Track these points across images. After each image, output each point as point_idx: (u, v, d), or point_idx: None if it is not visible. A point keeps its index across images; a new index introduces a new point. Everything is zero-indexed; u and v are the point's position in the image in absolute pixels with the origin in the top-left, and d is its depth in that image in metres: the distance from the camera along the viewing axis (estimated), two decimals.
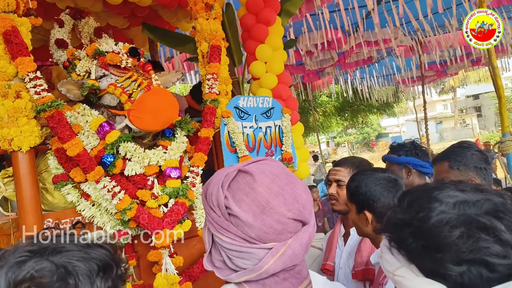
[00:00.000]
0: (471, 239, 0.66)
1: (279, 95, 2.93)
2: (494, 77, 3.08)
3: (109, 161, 1.93)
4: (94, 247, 0.69)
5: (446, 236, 0.67)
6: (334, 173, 2.15)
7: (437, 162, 2.03)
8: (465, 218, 0.68)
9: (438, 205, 0.71)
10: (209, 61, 2.33)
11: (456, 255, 0.66)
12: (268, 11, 2.96)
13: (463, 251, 0.66)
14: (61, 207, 2.01)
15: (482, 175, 1.91)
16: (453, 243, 0.66)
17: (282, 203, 0.86)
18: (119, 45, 2.12)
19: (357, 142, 39.50)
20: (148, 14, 3.23)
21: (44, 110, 1.82)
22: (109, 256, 0.69)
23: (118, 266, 0.70)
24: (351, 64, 7.89)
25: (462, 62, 8.60)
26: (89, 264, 0.65)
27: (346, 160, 2.22)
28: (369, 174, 1.73)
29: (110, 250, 0.70)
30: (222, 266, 0.91)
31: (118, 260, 0.71)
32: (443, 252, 0.67)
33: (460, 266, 0.66)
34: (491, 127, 37.56)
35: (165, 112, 1.93)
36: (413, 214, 0.74)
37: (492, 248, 0.65)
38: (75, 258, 0.64)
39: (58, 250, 0.65)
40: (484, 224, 0.67)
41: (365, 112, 17.40)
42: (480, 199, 0.70)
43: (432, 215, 0.70)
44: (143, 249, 2.02)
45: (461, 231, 0.67)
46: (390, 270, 0.76)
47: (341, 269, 2.07)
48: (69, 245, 0.67)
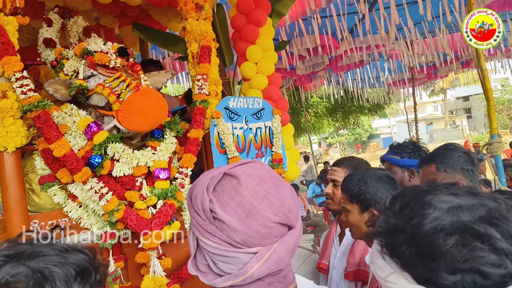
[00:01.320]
0: (466, 247, 0.65)
1: (270, 96, 2.92)
2: (482, 79, 3.11)
3: (96, 162, 1.91)
4: (73, 252, 0.67)
5: (440, 244, 0.66)
6: (331, 173, 2.17)
7: (424, 164, 2.03)
8: (460, 225, 0.66)
9: (432, 211, 0.69)
10: (199, 62, 2.32)
11: (450, 264, 0.65)
12: (258, 12, 2.95)
13: (458, 260, 0.65)
14: (48, 208, 1.99)
15: (469, 177, 1.93)
16: (448, 251, 0.65)
17: (268, 207, 0.85)
18: (107, 44, 2.10)
19: (348, 143, 39.69)
20: (139, 14, 3.21)
21: (30, 110, 1.79)
22: (88, 260, 0.67)
23: (97, 271, 0.68)
24: (342, 68, 7.94)
25: (452, 65, 8.68)
26: (67, 269, 0.63)
27: (344, 160, 2.23)
28: (370, 172, 1.74)
29: (89, 254, 0.69)
30: (206, 271, 0.90)
31: (97, 265, 0.69)
32: (438, 261, 0.66)
33: (454, 275, 0.65)
34: (480, 129, 37.95)
35: (153, 112, 1.92)
36: (406, 220, 0.72)
37: (487, 257, 0.64)
38: (52, 263, 0.63)
39: (35, 254, 0.64)
40: (479, 232, 0.65)
41: (356, 113, 17.50)
42: (475, 204, 0.69)
43: (425, 222, 0.69)
44: (131, 251, 2.00)
45: (456, 239, 0.65)
46: (382, 275, 0.75)
47: (335, 268, 2.08)
48: (47, 250, 0.65)
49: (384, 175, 1.74)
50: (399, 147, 2.41)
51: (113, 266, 1.95)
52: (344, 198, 1.75)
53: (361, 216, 1.68)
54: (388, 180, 1.71)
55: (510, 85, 31.44)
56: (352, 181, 1.72)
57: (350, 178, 1.75)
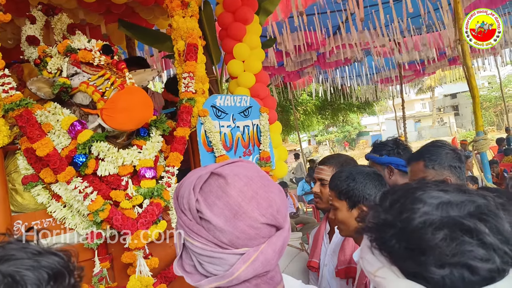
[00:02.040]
0: (454, 242, 0.65)
1: (257, 94, 2.92)
2: (468, 77, 3.14)
3: (80, 161, 1.88)
4: (46, 255, 0.66)
5: (429, 238, 0.66)
6: (318, 172, 2.18)
7: (412, 162, 2.05)
8: (449, 220, 0.67)
9: (422, 206, 0.70)
10: (185, 60, 2.30)
11: (439, 258, 0.65)
12: (245, 9, 2.94)
13: (447, 254, 0.65)
14: (32, 209, 1.95)
15: (457, 174, 1.94)
16: (437, 245, 0.66)
17: (256, 207, 0.84)
18: (91, 42, 2.07)
19: (338, 140, 39.87)
20: (125, 11, 3.17)
21: (12, 109, 1.77)
22: (62, 263, 0.66)
23: (71, 274, 0.67)
24: (330, 64, 7.97)
25: (439, 62, 8.77)
26: (39, 272, 0.62)
27: (331, 158, 2.23)
28: (358, 169, 1.75)
29: (64, 257, 0.68)
30: (192, 271, 0.89)
31: (72, 268, 0.68)
32: (426, 255, 0.66)
33: (443, 269, 0.65)
34: (468, 126, 38.38)
35: (139, 111, 1.90)
36: (396, 215, 0.72)
37: (475, 251, 0.65)
38: (24, 266, 0.62)
39: (7, 258, 0.62)
40: (468, 227, 0.66)
41: (345, 111, 17.57)
42: (464, 200, 0.70)
43: (415, 216, 0.69)
44: (117, 251, 1.98)
45: (445, 234, 0.66)
46: (371, 270, 0.75)
47: (325, 266, 2.08)
48: (19, 253, 0.64)
49: (372, 171, 1.75)
50: (380, 145, 2.44)
51: (99, 266, 1.92)
52: (332, 195, 1.75)
53: (350, 212, 1.68)
54: (376, 176, 1.72)
55: (497, 82, 31.82)
56: (340, 178, 1.72)
57: (338, 175, 1.75)
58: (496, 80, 29.36)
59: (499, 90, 17.62)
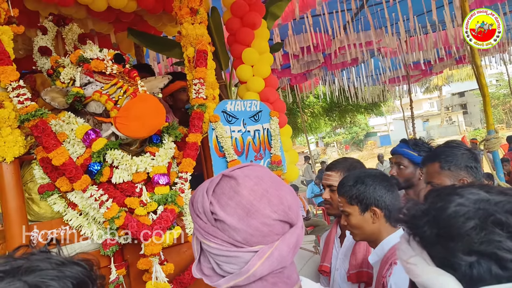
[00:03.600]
0: (484, 231, 0.66)
1: (267, 98, 2.93)
2: (478, 76, 3.12)
3: (95, 170, 1.90)
4: (69, 265, 0.66)
5: (460, 226, 0.68)
6: (326, 178, 2.16)
7: (427, 163, 2.01)
8: (482, 211, 0.68)
9: (458, 198, 0.72)
10: (195, 66, 2.32)
11: (467, 245, 0.67)
12: (253, 14, 2.96)
13: (475, 241, 0.66)
14: (48, 218, 1.98)
15: (473, 174, 1.91)
16: (466, 233, 0.67)
17: (267, 204, 0.86)
18: (103, 51, 2.09)
19: (345, 141, 39.74)
20: (133, 20, 3.21)
21: (28, 120, 1.79)
22: (85, 273, 0.67)
23: (94, 283, 0.68)
24: (337, 65, 7.96)
25: (446, 61, 8.72)
26: (64, 282, 0.63)
27: (337, 163, 2.21)
28: (365, 172, 1.75)
29: (86, 267, 0.68)
30: (211, 274, 0.90)
31: (95, 277, 0.69)
32: (455, 241, 0.68)
33: (470, 256, 0.66)
34: (477, 124, 38.08)
35: (151, 118, 1.91)
36: (431, 204, 0.75)
37: (504, 242, 0.65)
38: (48, 277, 0.62)
39: (32, 269, 0.63)
40: (499, 220, 0.67)
41: (352, 112, 17.54)
42: (504, 200, 0.70)
43: (450, 205, 0.71)
44: (133, 258, 2.00)
45: (475, 223, 0.67)
46: (404, 258, 0.77)
47: (337, 270, 2.07)
48: (43, 264, 0.65)
49: (379, 173, 1.74)
50: (418, 144, 2.41)
51: (115, 273, 1.94)
52: (342, 202, 1.73)
53: (362, 216, 1.67)
54: (384, 178, 1.71)
55: (504, 79, 31.56)
56: (348, 183, 1.71)
57: (346, 181, 1.74)
58: (504, 77, 29.13)
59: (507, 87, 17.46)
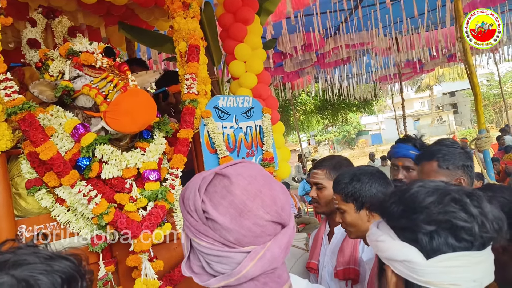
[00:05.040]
0: (441, 204, 0.81)
1: (259, 94, 2.91)
2: (470, 75, 3.13)
3: (84, 165, 1.87)
4: (58, 259, 0.66)
5: (421, 200, 0.83)
6: (313, 176, 2.15)
7: (423, 161, 1.98)
8: (441, 191, 0.84)
9: (421, 183, 0.88)
10: (187, 61, 2.29)
11: (428, 216, 0.81)
12: (246, 10, 2.93)
13: (434, 212, 0.80)
14: (35, 213, 1.94)
15: (469, 173, 1.90)
16: (426, 206, 0.82)
17: (260, 205, 0.84)
18: (93, 44, 2.06)
19: (337, 140, 39.89)
20: (125, 13, 3.16)
21: (15, 113, 1.75)
22: (74, 268, 0.66)
23: (83, 278, 0.67)
24: (330, 64, 7.97)
25: (438, 59, 8.77)
26: (52, 277, 0.62)
27: (323, 161, 2.20)
28: (361, 169, 1.73)
29: (75, 261, 0.68)
30: (200, 272, 0.89)
31: (83, 272, 0.68)
32: (418, 213, 0.82)
33: (430, 226, 0.80)
34: (467, 124, 38.45)
35: (142, 113, 1.88)
36: (397, 189, 0.90)
37: (458, 213, 0.80)
38: (37, 271, 0.61)
39: (20, 263, 0.62)
40: (454, 197, 0.82)
41: (345, 111, 17.61)
42: (458, 187, 0.86)
43: (413, 187, 0.87)
44: (122, 254, 1.97)
45: (434, 198, 0.82)
46: (374, 238, 0.91)
47: (325, 268, 2.07)
48: (31, 258, 0.64)
49: (376, 171, 1.73)
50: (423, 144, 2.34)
51: (104, 270, 1.91)
52: (338, 199, 1.72)
53: (358, 214, 1.66)
54: (381, 175, 1.70)
55: (495, 80, 31.85)
56: (344, 181, 1.70)
57: (341, 178, 1.72)
58: (495, 78, 29.44)
59: (498, 87, 17.62)
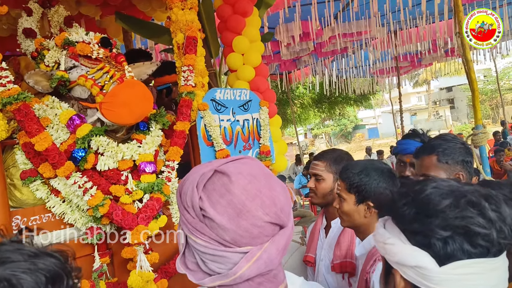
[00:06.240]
0: (458, 208, 0.73)
1: (257, 87, 2.89)
2: (468, 70, 3.12)
3: (80, 156, 1.86)
4: (43, 257, 0.63)
5: (436, 203, 0.75)
6: (313, 168, 2.16)
7: (423, 155, 1.96)
8: (456, 192, 0.76)
9: (434, 183, 0.79)
10: (184, 53, 2.27)
11: (443, 221, 0.73)
12: (244, 2, 2.91)
13: (450, 217, 0.73)
14: (30, 204, 1.93)
15: (468, 168, 1.88)
16: (442, 210, 0.74)
17: (259, 206, 0.82)
18: (90, 34, 2.04)
19: (334, 134, 39.92)
20: (122, 3, 3.13)
21: (10, 103, 1.73)
22: (59, 265, 0.64)
23: (69, 276, 0.65)
24: (327, 53, 7.94)
25: (435, 53, 8.75)
26: (36, 276, 0.59)
27: (325, 153, 2.21)
28: (374, 164, 1.71)
29: (61, 258, 0.65)
30: (195, 269, 0.88)
31: (70, 269, 0.66)
32: (433, 218, 0.74)
33: (445, 231, 0.73)
34: (463, 119, 38.54)
35: (139, 105, 1.87)
36: (410, 188, 0.82)
37: (475, 218, 0.72)
38: (20, 269, 0.59)
39: (2, 261, 0.60)
40: (471, 200, 0.74)
41: (342, 104, 17.58)
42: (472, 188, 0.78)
43: (427, 188, 0.78)
44: (117, 246, 1.96)
45: (450, 201, 0.74)
46: (381, 240, 0.83)
47: (321, 261, 2.08)
48: (15, 255, 0.61)
49: (387, 169, 1.70)
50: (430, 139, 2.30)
51: (99, 262, 1.91)
52: (341, 186, 1.71)
53: (356, 207, 1.66)
54: (390, 175, 1.68)
55: (492, 75, 31.85)
56: (353, 171, 1.68)
57: (351, 167, 1.71)
58: (492, 73, 29.43)
59: (495, 83, 17.64)
